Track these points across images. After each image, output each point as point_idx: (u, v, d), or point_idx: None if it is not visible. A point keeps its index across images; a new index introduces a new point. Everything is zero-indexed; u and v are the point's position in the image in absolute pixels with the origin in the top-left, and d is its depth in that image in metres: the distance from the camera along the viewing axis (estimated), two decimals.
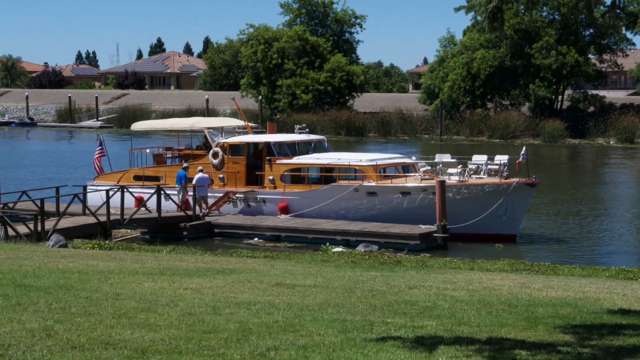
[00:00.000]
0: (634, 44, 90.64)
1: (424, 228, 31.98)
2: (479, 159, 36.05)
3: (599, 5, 14.37)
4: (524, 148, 36.40)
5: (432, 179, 33.86)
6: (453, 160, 36.21)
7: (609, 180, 57.00)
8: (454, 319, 13.23)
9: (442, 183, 31.93)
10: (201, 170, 35.63)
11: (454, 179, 33.66)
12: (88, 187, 37.61)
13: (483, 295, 16.21)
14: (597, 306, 14.96)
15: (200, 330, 11.69)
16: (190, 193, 35.24)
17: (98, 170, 39.25)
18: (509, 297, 15.95)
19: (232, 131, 39.58)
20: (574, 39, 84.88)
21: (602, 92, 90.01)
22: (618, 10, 12.84)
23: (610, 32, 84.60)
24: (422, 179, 34.15)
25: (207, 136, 38.37)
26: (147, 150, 41.74)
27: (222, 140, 37.51)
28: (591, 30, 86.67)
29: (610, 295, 16.72)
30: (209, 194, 35.86)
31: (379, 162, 35.41)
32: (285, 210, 35.07)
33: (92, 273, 17.65)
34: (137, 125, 44.31)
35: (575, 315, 13.83)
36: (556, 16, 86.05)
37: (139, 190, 36.32)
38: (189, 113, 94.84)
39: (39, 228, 29.60)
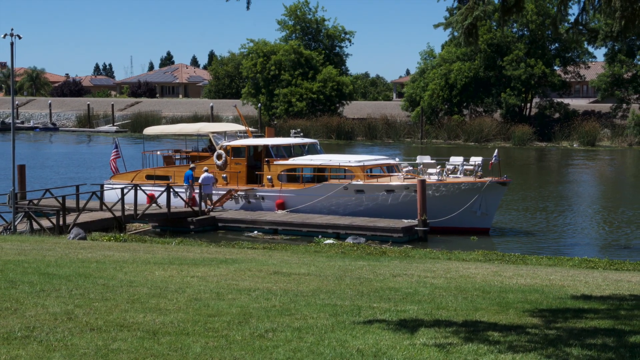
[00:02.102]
0: (594, 57, 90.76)
1: (406, 222, 31.99)
2: (456, 160, 36.06)
3: (564, 22, 14.40)
4: (496, 150, 36.48)
5: (414, 178, 33.86)
6: (432, 161, 36.23)
7: (572, 179, 57.04)
8: (434, 303, 13.22)
9: (423, 182, 31.94)
10: (206, 170, 35.59)
11: (433, 178, 33.67)
12: (105, 186, 37.51)
13: (459, 282, 16.22)
14: (561, 292, 14.97)
15: (206, 314, 11.68)
16: (197, 191, 35.21)
17: (114, 170, 39.16)
18: (482, 284, 15.96)
19: (234, 135, 39.51)
20: (541, 52, 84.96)
21: (566, 100, 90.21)
22: (580, 27, 12.85)
23: (574, 47, 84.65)
24: (404, 178, 34.15)
25: (212, 140, 38.33)
26: (158, 152, 41.68)
27: (225, 143, 37.47)
28: (556, 45, 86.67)
29: (574, 283, 16.74)
30: (214, 192, 35.83)
31: (366, 163, 35.41)
32: (282, 206, 35.04)
33: (108, 263, 17.61)
34: (149, 130, 44.22)
35: (542, 300, 13.84)
36: (525, 32, 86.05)
37: (150, 188, 36.25)
38: (196, 119, 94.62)
39: (61, 222, 29.55)
